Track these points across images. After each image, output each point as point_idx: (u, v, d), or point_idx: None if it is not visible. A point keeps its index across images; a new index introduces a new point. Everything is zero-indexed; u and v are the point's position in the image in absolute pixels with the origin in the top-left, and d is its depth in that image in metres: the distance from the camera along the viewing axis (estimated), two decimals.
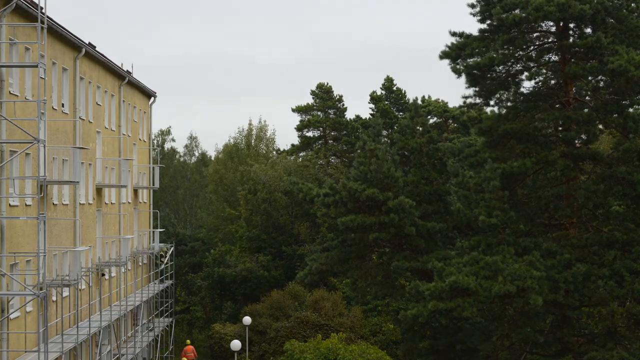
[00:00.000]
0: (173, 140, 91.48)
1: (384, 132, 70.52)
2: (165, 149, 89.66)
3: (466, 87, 39.02)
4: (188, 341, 52.77)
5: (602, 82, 38.41)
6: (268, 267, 60.38)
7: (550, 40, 37.97)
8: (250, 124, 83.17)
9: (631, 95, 37.14)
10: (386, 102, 78.33)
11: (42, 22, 28.67)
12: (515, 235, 36.93)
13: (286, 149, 79.27)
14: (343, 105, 78.31)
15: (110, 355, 40.17)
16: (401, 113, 75.80)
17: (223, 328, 54.12)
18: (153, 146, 57.79)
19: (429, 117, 71.15)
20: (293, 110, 77.98)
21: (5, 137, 28.90)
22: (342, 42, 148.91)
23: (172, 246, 54.77)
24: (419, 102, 67.69)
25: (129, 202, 48.44)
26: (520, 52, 38.06)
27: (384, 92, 79.52)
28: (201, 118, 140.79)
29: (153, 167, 53.83)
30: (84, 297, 37.97)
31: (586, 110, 37.71)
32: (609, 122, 38.12)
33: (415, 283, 35.73)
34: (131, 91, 49.30)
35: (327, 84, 78.02)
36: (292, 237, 63.16)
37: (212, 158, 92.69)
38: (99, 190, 42.08)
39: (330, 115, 77.64)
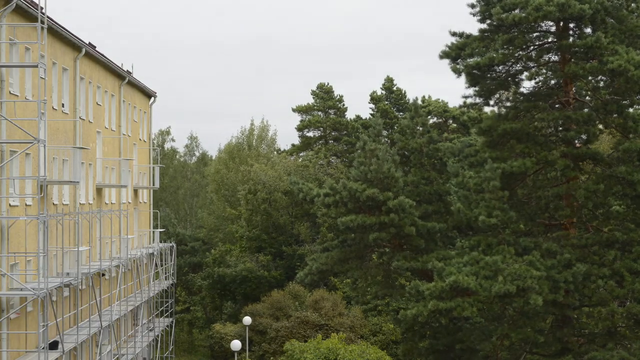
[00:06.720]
0: (173, 140, 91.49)
1: (384, 132, 70.52)
2: (166, 149, 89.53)
3: (466, 87, 39.12)
4: None
5: (602, 82, 38.42)
6: (268, 267, 60.39)
7: (550, 40, 37.95)
8: (252, 124, 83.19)
9: (631, 95, 37.14)
10: (386, 102, 78.33)
11: (42, 22, 28.68)
12: (515, 235, 36.94)
13: (286, 149, 79.27)
14: (343, 105, 78.35)
15: (110, 355, 40.14)
16: (401, 113, 75.80)
17: (223, 328, 54.15)
18: (153, 146, 57.77)
19: (429, 117, 71.14)
20: (293, 110, 78.03)
21: (5, 137, 28.89)
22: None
23: (172, 245, 54.78)
24: (419, 102, 67.71)
25: (129, 202, 48.42)
26: (520, 52, 38.07)
27: (384, 92, 79.51)
28: (202, 118, 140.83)
29: (153, 167, 53.82)
30: (84, 297, 37.98)
31: (586, 110, 37.71)
32: (609, 122, 38.12)
33: (415, 283, 35.72)
34: (131, 91, 49.30)
35: (328, 84, 78.06)
36: (292, 237, 63.16)
37: (213, 158, 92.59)
38: (99, 190, 42.07)
39: (331, 116, 77.65)
